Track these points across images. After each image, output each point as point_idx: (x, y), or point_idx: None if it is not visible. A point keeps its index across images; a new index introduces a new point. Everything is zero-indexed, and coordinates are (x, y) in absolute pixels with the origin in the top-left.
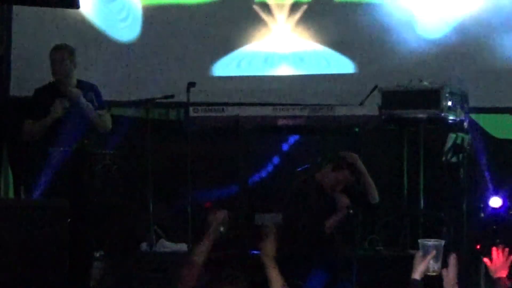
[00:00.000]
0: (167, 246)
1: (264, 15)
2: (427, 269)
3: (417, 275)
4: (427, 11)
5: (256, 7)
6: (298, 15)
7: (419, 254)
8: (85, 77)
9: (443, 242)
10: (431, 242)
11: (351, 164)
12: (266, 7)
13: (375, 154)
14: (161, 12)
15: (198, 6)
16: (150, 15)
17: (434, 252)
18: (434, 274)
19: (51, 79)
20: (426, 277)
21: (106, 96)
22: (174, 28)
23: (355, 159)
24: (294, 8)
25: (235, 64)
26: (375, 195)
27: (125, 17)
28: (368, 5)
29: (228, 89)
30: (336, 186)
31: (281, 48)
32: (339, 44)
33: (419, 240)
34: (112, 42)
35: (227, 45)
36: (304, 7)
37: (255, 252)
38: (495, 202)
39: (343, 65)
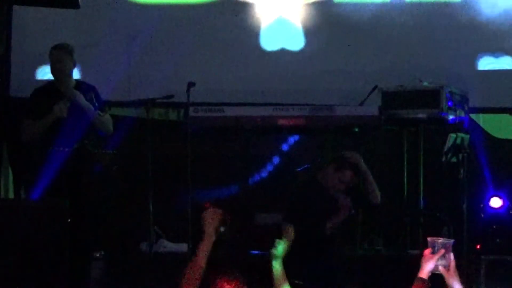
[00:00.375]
0: (167, 246)
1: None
2: (435, 268)
3: (424, 274)
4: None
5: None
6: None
7: (427, 253)
8: (85, 77)
9: (452, 241)
10: (440, 240)
11: (353, 164)
12: None
13: (375, 154)
14: (161, 12)
15: (198, 6)
16: (151, 14)
17: (442, 251)
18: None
19: (50, 79)
20: (431, 275)
21: (106, 96)
22: (174, 28)
23: (358, 159)
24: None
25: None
26: (377, 196)
27: None
28: (368, 5)
29: (228, 89)
30: (338, 186)
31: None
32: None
33: (428, 238)
34: (113, 42)
35: (229, 44)
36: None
37: (255, 252)
38: (495, 202)
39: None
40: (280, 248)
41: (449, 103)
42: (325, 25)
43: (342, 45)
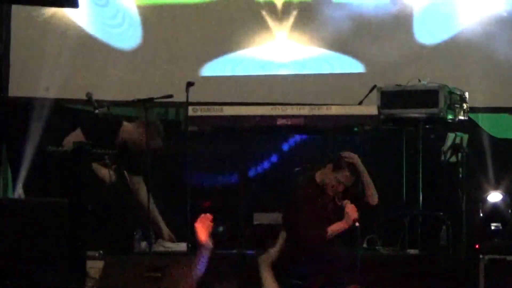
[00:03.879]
0: (166, 245)
1: (270, 20)
2: None
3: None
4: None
5: (264, 11)
6: (295, 17)
7: None
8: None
9: None
10: None
11: (351, 164)
12: (273, 11)
13: (374, 153)
14: (160, 11)
15: (198, 6)
16: (149, 14)
17: None
18: None
19: (49, 79)
20: None
21: (105, 96)
22: (173, 28)
23: (355, 159)
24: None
25: (229, 67)
26: (374, 196)
27: (121, 23)
28: (368, 5)
29: (227, 89)
30: (336, 187)
31: (280, 57)
32: (339, 45)
33: None
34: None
35: (226, 46)
36: (304, 7)
37: (252, 252)
38: (494, 196)
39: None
40: (270, 254)
41: (448, 103)
42: (324, 26)
43: (341, 44)
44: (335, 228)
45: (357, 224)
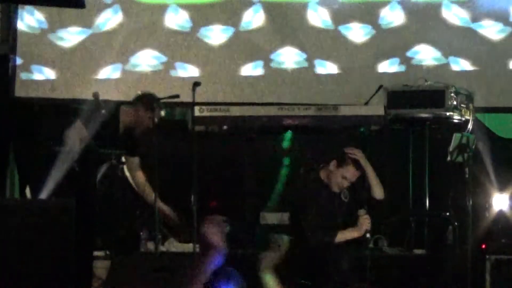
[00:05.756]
0: (176, 246)
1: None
2: None
3: None
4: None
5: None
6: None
7: None
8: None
9: None
10: None
11: (355, 160)
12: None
13: (381, 154)
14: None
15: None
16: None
17: None
18: None
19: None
20: None
21: (112, 96)
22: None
23: (359, 154)
24: None
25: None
26: (380, 191)
27: None
28: (370, 5)
29: (234, 89)
30: (341, 183)
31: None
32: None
33: None
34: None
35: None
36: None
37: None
38: (500, 200)
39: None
40: (272, 257)
41: (454, 103)
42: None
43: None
44: (347, 234)
45: (368, 235)
